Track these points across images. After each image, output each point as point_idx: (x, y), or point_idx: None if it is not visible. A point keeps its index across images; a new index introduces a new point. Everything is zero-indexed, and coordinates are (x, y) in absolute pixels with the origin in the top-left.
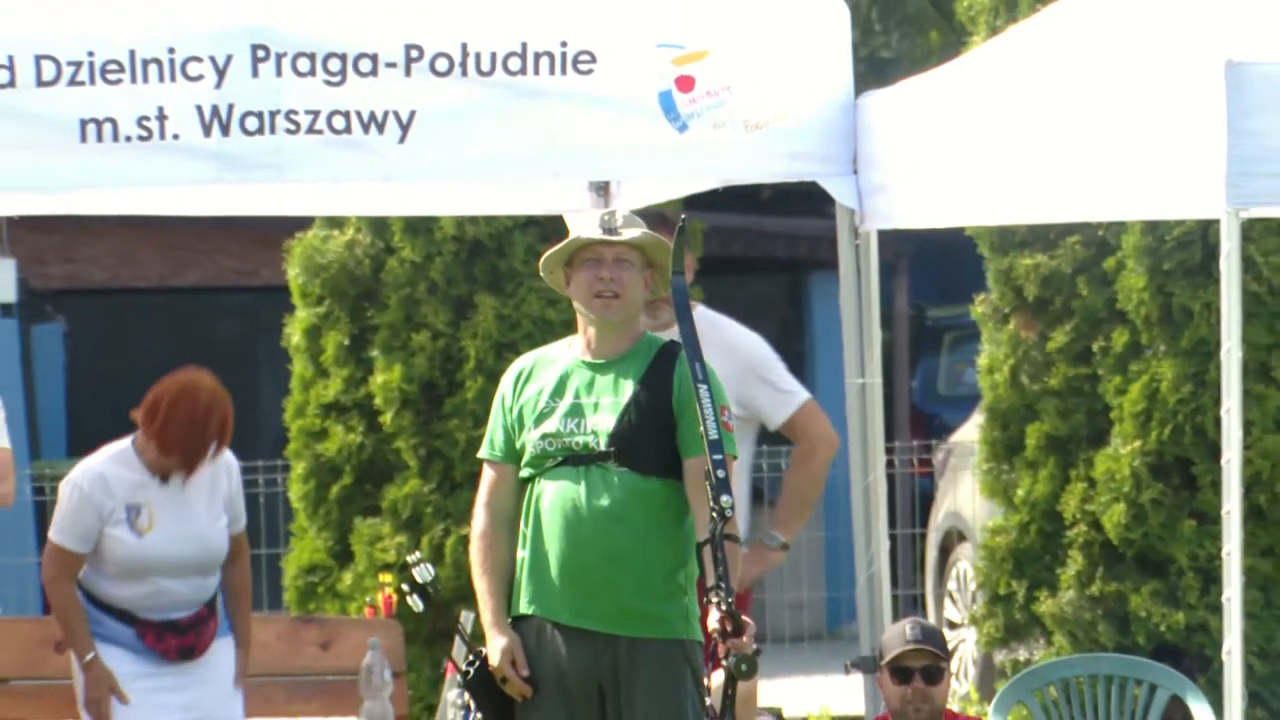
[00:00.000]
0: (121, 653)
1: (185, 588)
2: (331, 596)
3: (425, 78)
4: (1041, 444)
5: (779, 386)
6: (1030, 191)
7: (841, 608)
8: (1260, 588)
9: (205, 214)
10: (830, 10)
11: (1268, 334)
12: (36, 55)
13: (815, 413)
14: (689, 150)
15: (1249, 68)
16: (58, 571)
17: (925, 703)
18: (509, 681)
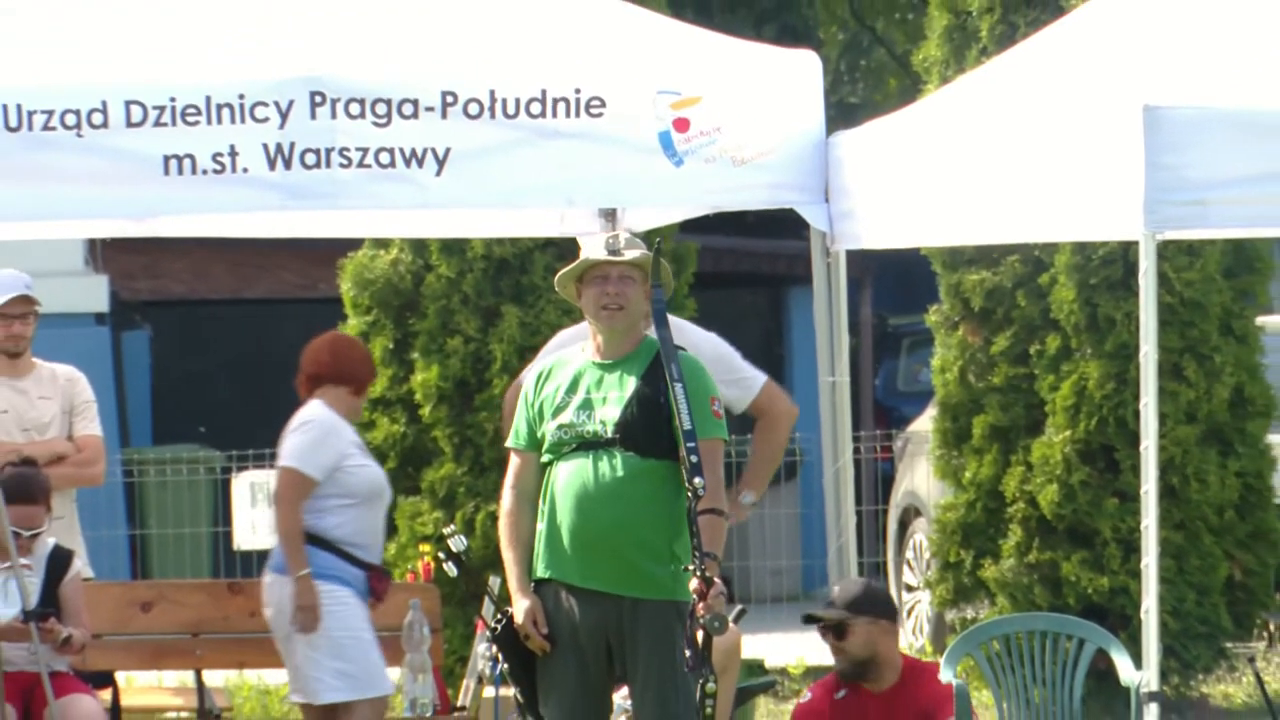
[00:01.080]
0: (350, 594)
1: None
2: None
3: (459, 120)
4: (986, 433)
5: (737, 377)
6: (976, 217)
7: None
8: (1173, 556)
9: (270, 236)
10: (805, 62)
11: (1179, 339)
12: (126, 100)
13: (772, 391)
14: (684, 182)
15: (1163, 110)
16: (292, 494)
17: (840, 654)
18: (531, 638)
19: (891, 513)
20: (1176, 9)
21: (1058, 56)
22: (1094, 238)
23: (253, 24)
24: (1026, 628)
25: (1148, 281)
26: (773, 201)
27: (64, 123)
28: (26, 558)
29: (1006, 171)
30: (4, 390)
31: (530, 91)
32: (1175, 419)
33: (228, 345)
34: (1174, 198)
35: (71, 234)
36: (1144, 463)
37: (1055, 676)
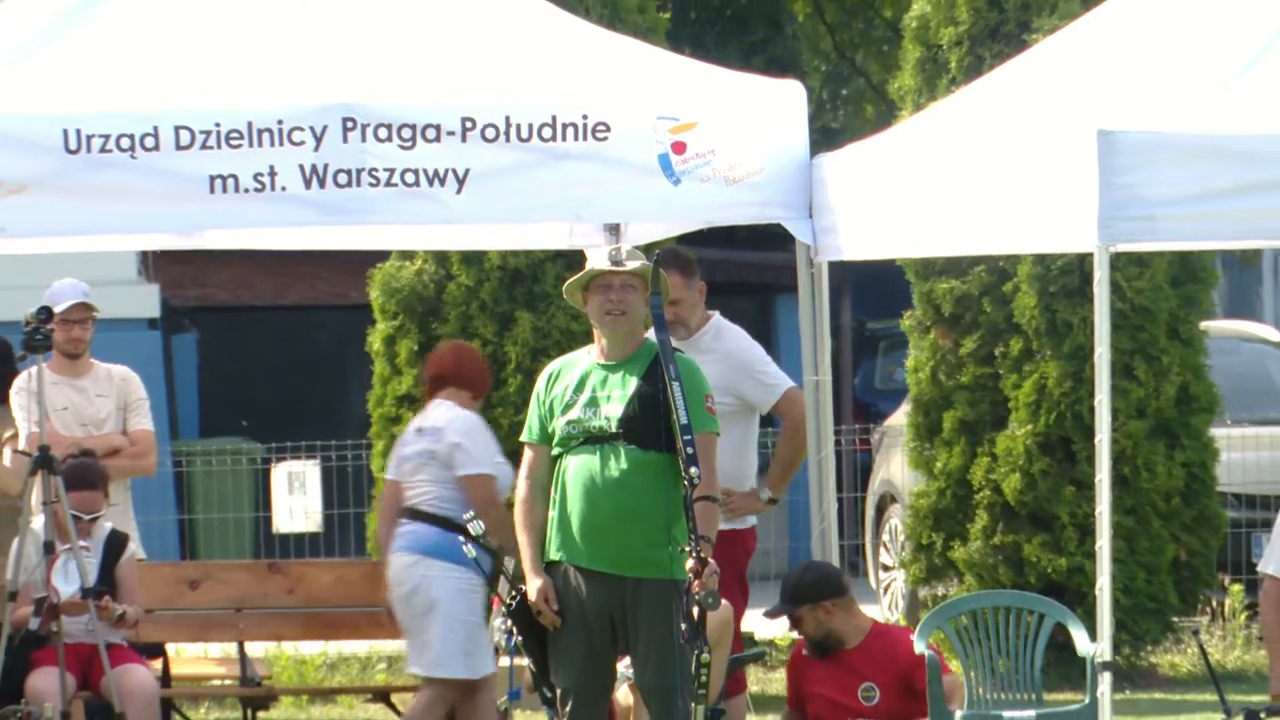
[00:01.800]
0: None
1: None
2: None
3: (477, 143)
4: (955, 427)
5: (764, 381)
6: (946, 231)
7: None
8: (1125, 539)
9: (306, 248)
10: (790, 91)
11: (1130, 342)
12: (175, 125)
13: (796, 398)
14: (681, 199)
15: (1116, 134)
16: (496, 496)
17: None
18: (543, 614)
19: (869, 499)
20: (1128, 43)
21: (1020, 86)
22: (1053, 250)
23: (290, 56)
24: (992, 604)
25: (1101, 290)
26: (761, 217)
27: (119, 145)
28: (85, 540)
29: (974, 190)
30: (65, 389)
31: (541, 117)
32: (1127, 414)
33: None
34: (1125, 214)
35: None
36: (1098, 454)
37: (1018, 648)
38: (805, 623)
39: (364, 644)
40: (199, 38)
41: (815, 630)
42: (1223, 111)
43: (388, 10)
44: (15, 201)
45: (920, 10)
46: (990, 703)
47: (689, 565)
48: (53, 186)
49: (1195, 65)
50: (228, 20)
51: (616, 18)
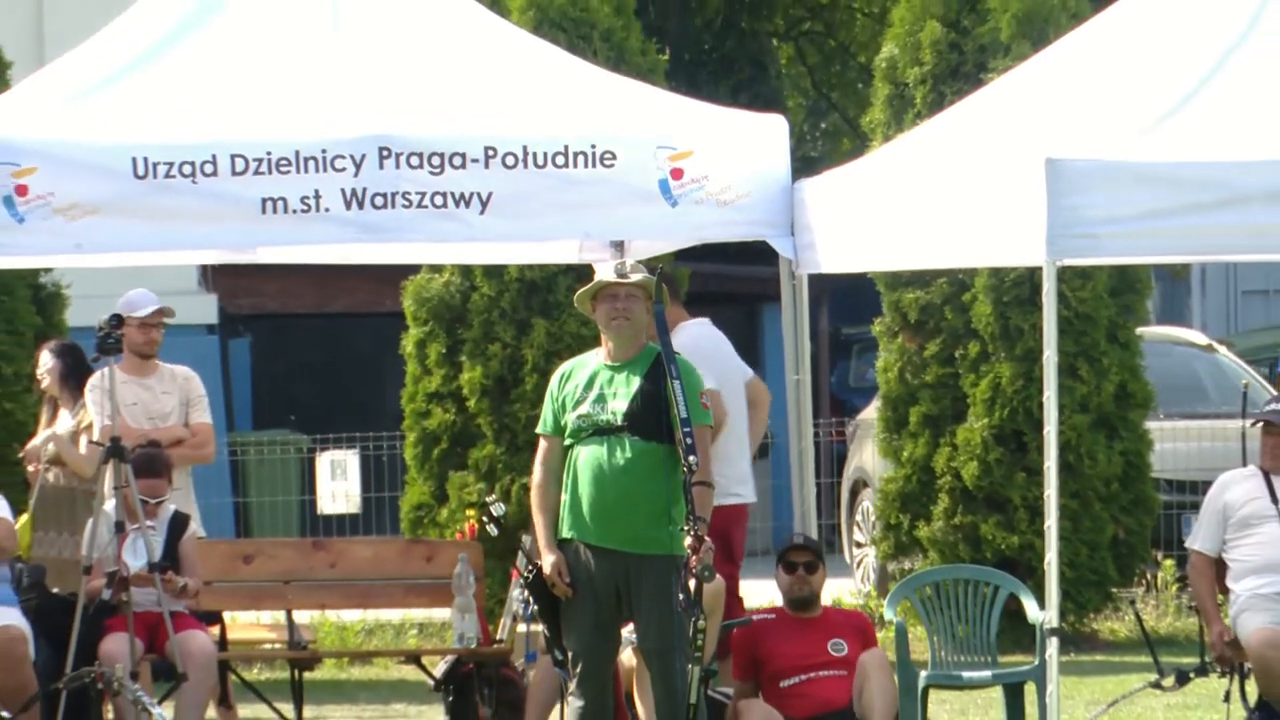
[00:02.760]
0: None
1: None
2: (433, 525)
3: (499, 169)
4: (920, 421)
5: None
6: (912, 247)
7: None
8: (1070, 519)
9: (346, 262)
10: (774, 125)
11: (1075, 345)
12: (231, 154)
13: (756, 385)
14: (678, 219)
15: (1062, 162)
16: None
17: (805, 586)
18: (556, 585)
19: (844, 484)
20: (1073, 80)
21: (977, 119)
22: (1006, 264)
23: (332, 92)
24: (952, 576)
25: (1049, 299)
26: (749, 235)
27: (181, 172)
28: (152, 520)
29: (936, 210)
30: (134, 387)
31: (555, 146)
32: (1071, 409)
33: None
34: (1070, 232)
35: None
36: (1046, 444)
37: (975, 615)
38: (818, 575)
39: (398, 612)
40: (251, 76)
41: (819, 584)
42: (1159, 142)
43: (419, 52)
44: (89, 221)
45: (889, 53)
46: (951, 664)
47: (687, 542)
48: (123, 208)
49: (1134, 101)
50: (276, 60)
51: (621, 60)
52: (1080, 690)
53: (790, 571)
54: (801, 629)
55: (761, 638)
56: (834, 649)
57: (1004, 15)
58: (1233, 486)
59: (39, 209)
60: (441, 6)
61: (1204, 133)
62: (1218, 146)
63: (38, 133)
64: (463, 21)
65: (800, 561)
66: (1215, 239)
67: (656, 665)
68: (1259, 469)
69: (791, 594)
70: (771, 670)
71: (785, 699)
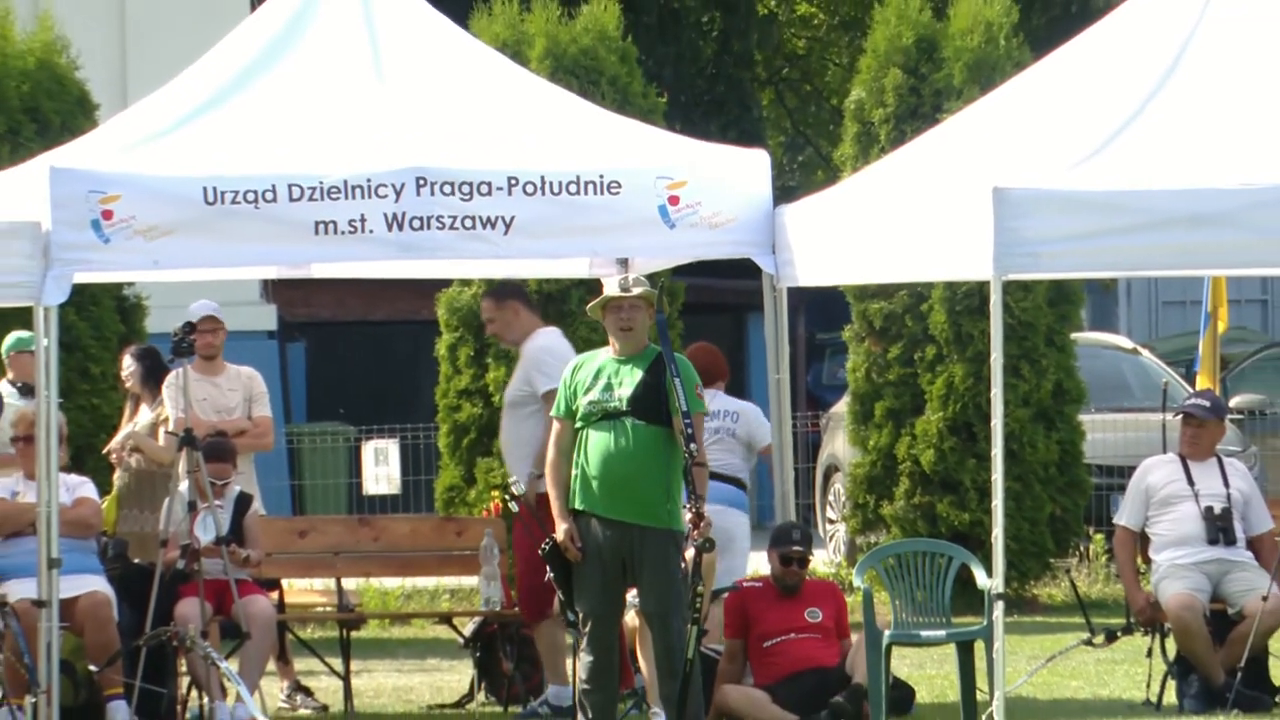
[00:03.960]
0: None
1: None
2: (463, 505)
3: (520, 196)
4: (884, 414)
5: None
6: (877, 264)
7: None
8: (1013, 499)
9: (388, 277)
10: (757, 158)
11: (1017, 349)
12: (289, 183)
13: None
14: (675, 239)
15: (1007, 190)
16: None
17: (795, 576)
18: (569, 552)
19: (818, 469)
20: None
21: (933, 153)
22: (958, 278)
23: (375, 129)
24: (912, 549)
25: (995, 309)
26: (736, 253)
27: (245, 199)
28: (219, 500)
29: (898, 232)
30: (204, 384)
31: (569, 176)
32: (1015, 404)
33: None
34: (1014, 251)
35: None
36: (993, 434)
37: (932, 582)
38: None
39: (432, 580)
40: (305, 117)
41: (797, 579)
42: (1091, 173)
43: (450, 95)
44: (166, 241)
45: (857, 96)
46: (911, 624)
47: (687, 518)
48: (194, 229)
49: (1069, 137)
50: (327, 103)
51: (625, 102)
52: (1022, 647)
53: (785, 564)
54: (784, 598)
55: (750, 603)
56: (810, 616)
57: (956, 64)
58: (1154, 470)
59: (122, 231)
60: (469, 56)
61: (1130, 165)
62: (1142, 177)
63: (121, 165)
64: (488, 68)
65: (795, 557)
66: (1139, 257)
67: (656, 626)
68: (1177, 455)
69: (783, 581)
70: (758, 631)
71: (768, 655)
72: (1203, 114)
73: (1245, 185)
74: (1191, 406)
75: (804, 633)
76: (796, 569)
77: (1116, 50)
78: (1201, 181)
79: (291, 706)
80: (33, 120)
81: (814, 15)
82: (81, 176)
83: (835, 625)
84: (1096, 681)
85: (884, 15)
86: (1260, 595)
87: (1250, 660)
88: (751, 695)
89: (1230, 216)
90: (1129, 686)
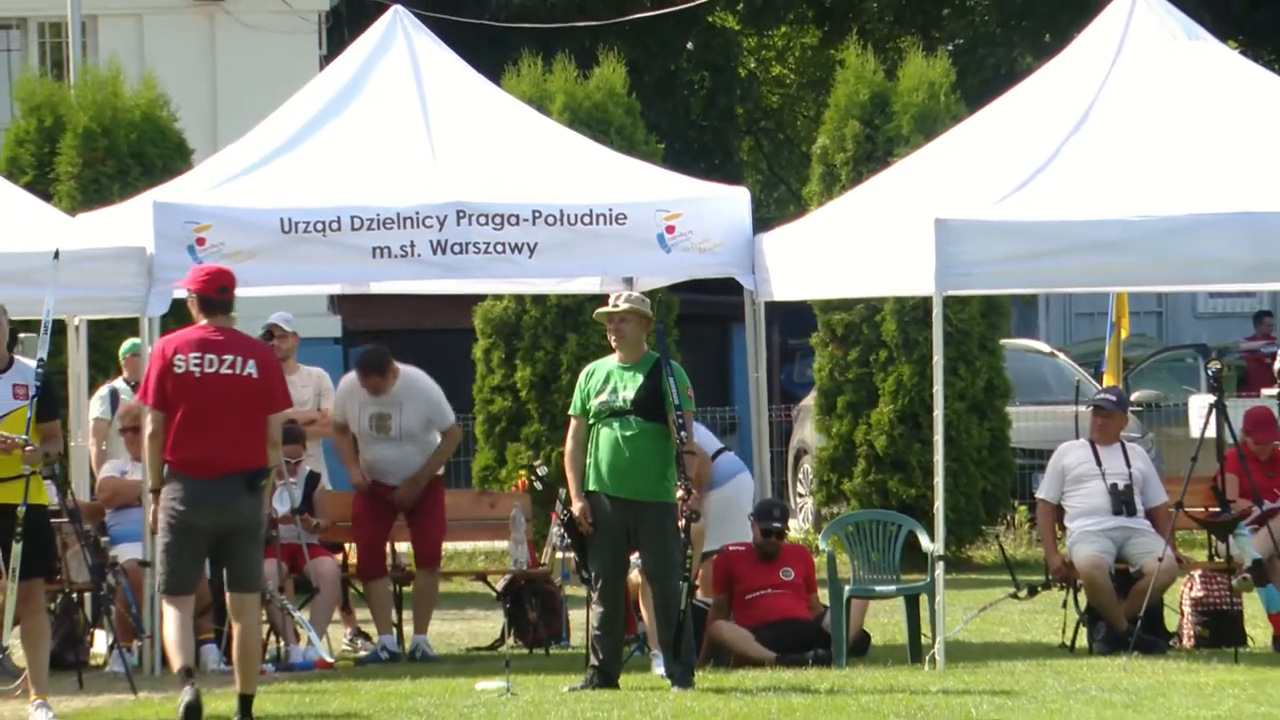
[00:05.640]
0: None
1: None
2: (495, 482)
3: (542, 226)
4: (845, 406)
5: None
6: (839, 282)
7: None
8: (952, 477)
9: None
10: (739, 194)
11: (955, 352)
12: (351, 215)
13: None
14: (671, 262)
15: (947, 221)
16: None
17: (774, 545)
18: (582, 524)
19: (790, 452)
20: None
21: (885, 190)
22: (907, 293)
23: (423, 171)
24: (869, 518)
25: (937, 319)
26: (722, 273)
27: (315, 228)
28: (292, 477)
29: (856, 256)
30: None
31: (583, 209)
32: (953, 399)
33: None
34: (953, 271)
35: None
36: (935, 423)
37: (885, 546)
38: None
39: (469, 544)
40: (363, 159)
41: (775, 548)
42: (1016, 205)
43: (485, 141)
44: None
45: (822, 143)
46: (867, 580)
47: (679, 494)
48: (272, 254)
49: (998, 175)
50: (381, 148)
51: (630, 147)
52: (959, 599)
53: (766, 536)
54: (763, 560)
55: (734, 564)
56: (784, 575)
57: (905, 116)
58: (1069, 453)
59: (212, 254)
60: (501, 109)
61: (1048, 200)
62: (1058, 209)
63: (212, 200)
64: (516, 119)
65: (774, 530)
66: (1056, 276)
67: (655, 582)
68: (1088, 441)
69: (763, 548)
70: (740, 587)
71: (749, 606)
72: (1108, 157)
73: (1143, 216)
74: (1100, 400)
75: (779, 589)
76: (775, 539)
77: (1036, 105)
78: (1107, 213)
79: (353, 649)
80: (139, 163)
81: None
82: (179, 210)
83: (805, 582)
84: (1021, 628)
85: (844, 76)
86: (1156, 557)
87: (1148, 610)
88: (739, 631)
89: (1131, 243)
90: (1047, 632)
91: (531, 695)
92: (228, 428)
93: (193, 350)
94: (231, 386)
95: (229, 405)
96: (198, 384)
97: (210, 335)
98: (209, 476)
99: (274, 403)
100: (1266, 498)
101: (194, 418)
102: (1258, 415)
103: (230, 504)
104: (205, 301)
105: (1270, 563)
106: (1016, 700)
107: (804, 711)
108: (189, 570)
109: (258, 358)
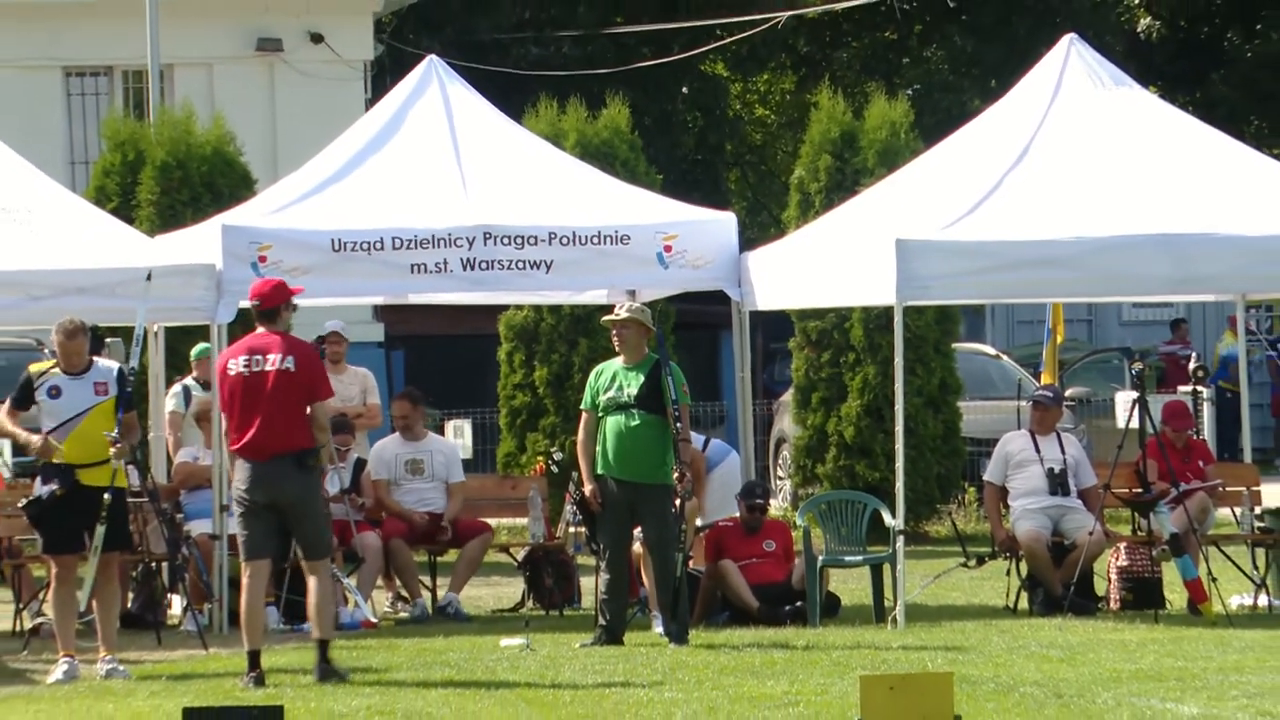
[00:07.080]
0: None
1: None
2: (516, 466)
3: (558, 245)
4: (818, 401)
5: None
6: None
7: None
8: (911, 462)
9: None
10: (727, 219)
11: (914, 354)
12: (392, 236)
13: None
14: (669, 276)
15: (907, 241)
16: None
17: (757, 520)
18: (591, 504)
19: (771, 441)
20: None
21: (854, 215)
22: (871, 303)
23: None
24: (839, 497)
25: (898, 326)
26: (713, 286)
27: (361, 247)
28: (341, 463)
29: (828, 270)
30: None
31: (593, 231)
32: (911, 394)
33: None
34: (911, 284)
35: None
36: (897, 417)
37: (853, 522)
38: (763, 517)
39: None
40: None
41: (759, 522)
42: (966, 228)
43: (508, 170)
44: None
45: (799, 174)
46: (837, 552)
47: (675, 476)
48: (324, 270)
49: (950, 201)
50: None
51: (633, 177)
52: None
53: (750, 512)
54: (748, 535)
55: (723, 538)
56: (766, 546)
57: (870, 151)
58: (1012, 441)
59: (272, 270)
60: (522, 143)
61: (993, 222)
62: (1002, 231)
63: (273, 223)
64: (535, 152)
65: (758, 507)
66: (1000, 288)
67: (655, 553)
68: (1028, 431)
69: (749, 523)
70: (728, 557)
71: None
72: (1045, 186)
73: (1076, 237)
74: (1038, 396)
75: (762, 558)
76: (759, 515)
77: (984, 140)
78: (1045, 235)
79: (394, 610)
80: (209, 191)
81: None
82: (244, 231)
83: (784, 553)
84: (970, 593)
85: (818, 116)
86: (1087, 531)
87: (1080, 577)
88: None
89: (1066, 260)
90: (993, 596)
91: (548, 651)
92: (273, 416)
93: (241, 354)
94: (274, 381)
95: (273, 397)
96: (246, 382)
97: (256, 340)
98: (263, 459)
99: (315, 393)
100: (1182, 480)
101: (246, 410)
102: (1174, 408)
103: (281, 482)
104: (258, 312)
105: (1185, 536)
106: (967, 655)
107: (784, 664)
108: (261, 540)
109: (297, 354)
